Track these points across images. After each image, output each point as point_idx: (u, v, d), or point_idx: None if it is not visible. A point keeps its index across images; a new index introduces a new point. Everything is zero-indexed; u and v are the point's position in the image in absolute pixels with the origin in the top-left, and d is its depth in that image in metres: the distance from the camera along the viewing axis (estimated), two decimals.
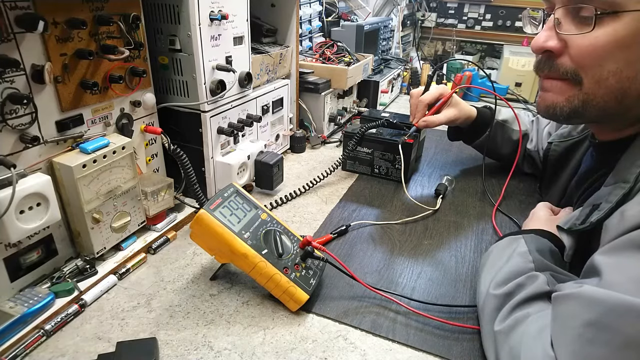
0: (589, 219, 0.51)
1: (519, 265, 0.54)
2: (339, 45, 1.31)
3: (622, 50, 0.47)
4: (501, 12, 2.08)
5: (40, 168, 0.58)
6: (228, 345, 0.55)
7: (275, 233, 0.64)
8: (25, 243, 0.58)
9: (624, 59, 0.47)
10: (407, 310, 0.60)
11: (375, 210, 0.88)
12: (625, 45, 0.46)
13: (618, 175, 0.51)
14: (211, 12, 0.74)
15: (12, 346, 0.52)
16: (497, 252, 0.61)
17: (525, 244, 0.57)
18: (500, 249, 0.61)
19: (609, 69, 0.48)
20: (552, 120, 0.60)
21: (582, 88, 0.51)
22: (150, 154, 0.78)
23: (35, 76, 0.54)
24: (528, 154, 0.99)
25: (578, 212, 0.56)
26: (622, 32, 0.46)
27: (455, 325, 0.58)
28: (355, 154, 1.02)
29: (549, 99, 0.56)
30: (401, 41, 1.99)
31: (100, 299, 0.62)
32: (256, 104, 0.95)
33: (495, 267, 0.57)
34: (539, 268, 0.53)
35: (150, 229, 0.76)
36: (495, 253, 0.61)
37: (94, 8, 0.60)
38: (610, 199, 0.49)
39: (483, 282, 0.57)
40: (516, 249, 0.57)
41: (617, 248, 0.43)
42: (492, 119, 0.97)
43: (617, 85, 0.49)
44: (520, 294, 0.50)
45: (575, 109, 0.53)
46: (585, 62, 0.49)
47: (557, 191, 0.79)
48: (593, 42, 0.48)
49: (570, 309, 0.42)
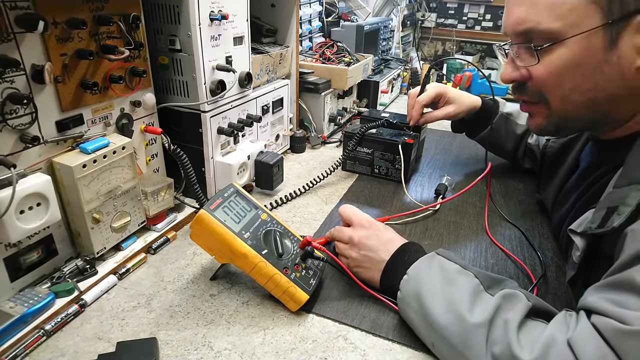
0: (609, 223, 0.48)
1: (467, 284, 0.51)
2: (339, 46, 1.31)
3: (574, 69, 0.53)
4: (501, 12, 2.06)
5: (40, 168, 0.58)
6: (228, 346, 0.55)
7: (275, 233, 0.64)
8: (25, 243, 0.58)
9: (579, 75, 0.53)
10: None
11: (375, 210, 0.88)
12: (575, 64, 0.53)
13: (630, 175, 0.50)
14: (211, 12, 0.74)
15: (12, 346, 0.51)
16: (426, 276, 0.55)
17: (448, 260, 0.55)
18: (426, 269, 0.56)
19: (568, 87, 0.54)
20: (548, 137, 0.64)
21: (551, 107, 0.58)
22: (150, 154, 0.78)
23: (36, 76, 0.54)
24: (529, 148, 0.99)
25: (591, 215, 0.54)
26: (568, 55, 0.53)
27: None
28: (355, 154, 1.02)
29: (534, 122, 0.63)
30: (401, 41, 2.00)
31: (100, 299, 0.62)
32: (256, 104, 0.95)
33: (441, 291, 0.52)
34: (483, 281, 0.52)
35: (150, 229, 0.76)
36: (425, 277, 0.55)
37: (94, 8, 0.60)
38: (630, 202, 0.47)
39: (440, 311, 0.50)
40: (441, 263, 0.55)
41: None
42: (496, 111, 0.97)
43: (580, 99, 0.55)
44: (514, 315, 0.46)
45: (557, 125, 0.60)
46: (546, 85, 0.56)
47: (553, 188, 0.79)
48: (547, 68, 0.55)
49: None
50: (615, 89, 0.53)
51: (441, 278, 0.53)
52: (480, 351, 0.46)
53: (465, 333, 0.47)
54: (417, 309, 0.54)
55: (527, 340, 0.44)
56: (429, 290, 0.53)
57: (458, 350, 0.48)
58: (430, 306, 0.52)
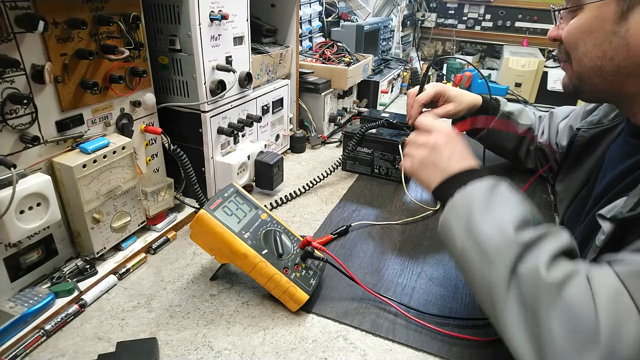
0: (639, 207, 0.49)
1: (522, 211, 0.52)
2: (339, 46, 1.31)
3: (587, 35, 0.57)
4: (501, 12, 2.08)
5: (41, 168, 0.58)
6: (228, 345, 0.55)
7: (275, 233, 0.64)
8: (25, 243, 0.58)
9: (591, 41, 0.57)
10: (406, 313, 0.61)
11: (375, 211, 0.88)
12: (588, 31, 0.57)
13: None
14: (211, 12, 0.74)
15: (12, 346, 0.52)
16: (484, 195, 0.55)
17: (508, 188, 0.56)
18: (487, 191, 0.55)
19: (582, 51, 0.59)
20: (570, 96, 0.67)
21: (573, 67, 0.62)
22: (150, 154, 0.78)
23: (36, 76, 0.54)
24: (538, 147, 0.98)
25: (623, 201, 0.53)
26: (584, 20, 0.57)
27: (453, 335, 0.57)
28: (355, 154, 1.02)
29: (563, 80, 0.67)
30: (401, 41, 2.00)
31: (100, 299, 0.62)
32: (256, 104, 0.95)
33: (494, 209, 0.53)
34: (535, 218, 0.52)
35: (150, 229, 0.76)
36: (483, 196, 0.55)
37: (94, 8, 0.60)
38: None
39: (487, 220, 0.52)
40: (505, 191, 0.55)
41: None
42: (497, 110, 0.97)
43: (590, 64, 0.58)
44: (552, 244, 0.48)
45: (575, 86, 0.63)
46: (568, 45, 0.61)
47: (579, 177, 0.80)
48: (568, 30, 0.60)
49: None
50: (621, 61, 0.55)
51: (499, 199, 0.54)
52: (506, 262, 0.47)
53: (502, 244, 0.49)
54: (462, 216, 0.54)
55: (554, 267, 0.46)
56: (482, 203, 0.54)
57: (487, 256, 0.49)
58: (478, 216, 0.52)
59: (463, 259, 0.53)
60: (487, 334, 0.57)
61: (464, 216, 0.54)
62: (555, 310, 0.43)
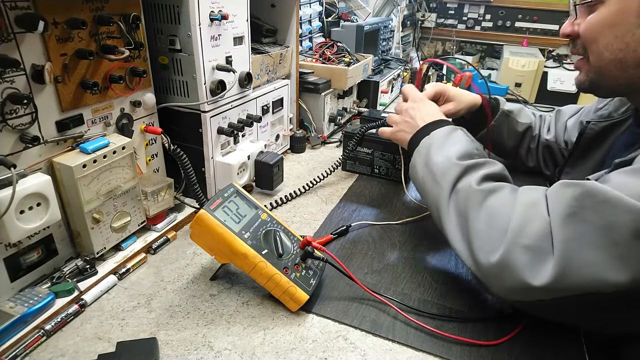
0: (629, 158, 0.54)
1: (468, 147, 0.66)
2: (339, 46, 1.30)
3: (609, 28, 0.58)
4: (501, 12, 2.08)
5: (41, 168, 0.58)
6: (228, 346, 0.55)
7: (275, 233, 0.64)
8: (25, 243, 0.58)
9: (613, 34, 0.58)
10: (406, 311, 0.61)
11: (375, 211, 0.88)
12: (611, 24, 0.58)
13: None
14: (211, 12, 0.74)
15: (12, 346, 0.52)
16: (441, 138, 0.69)
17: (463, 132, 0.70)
18: (444, 135, 0.70)
19: (602, 43, 0.60)
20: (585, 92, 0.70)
21: (590, 62, 0.63)
22: (150, 154, 0.78)
23: (36, 76, 0.54)
24: (545, 144, 0.98)
25: None
26: (606, 14, 0.58)
27: (451, 337, 0.57)
28: (355, 154, 1.02)
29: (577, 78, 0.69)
30: (401, 41, 2.00)
31: (100, 299, 0.62)
32: (256, 104, 0.95)
33: (446, 146, 0.67)
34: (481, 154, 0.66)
35: (150, 229, 0.76)
36: (440, 138, 0.69)
37: (94, 8, 0.60)
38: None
39: (439, 154, 0.66)
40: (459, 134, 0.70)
41: None
42: (496, 109, 0.97)
43: (611, 57, 0.59)
44: (486, 169, 0.61)
45: (592, 81, 0.65)
46: (586, 40, 0.62)
47: (586, 168, 0.80)
48: (588, 24, 0.61)
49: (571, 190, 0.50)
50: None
51: (453, 139, 0.68)
52: (449, 182, 0.62)
53: (447, 169, 0.63)
54: (423, 155, 0.69)
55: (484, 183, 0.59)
56: (439, 143, 0.68)
57: (436, 180, 0.64)
58: (434, 152, 0.67)
59: (423, 187, 0.68)
60: (486, 335, 0.57)
61: (424, 154, 0.69)
62: (479, 212, 0.56)
